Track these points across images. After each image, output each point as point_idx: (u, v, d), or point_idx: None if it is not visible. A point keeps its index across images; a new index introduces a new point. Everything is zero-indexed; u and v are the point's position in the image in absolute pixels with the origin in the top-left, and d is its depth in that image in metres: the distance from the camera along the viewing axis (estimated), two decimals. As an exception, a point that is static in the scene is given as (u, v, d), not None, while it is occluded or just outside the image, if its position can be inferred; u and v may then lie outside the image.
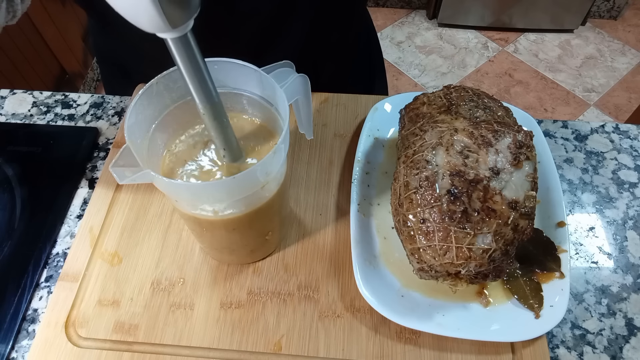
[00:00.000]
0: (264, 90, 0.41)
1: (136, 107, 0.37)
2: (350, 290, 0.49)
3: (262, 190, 0.40)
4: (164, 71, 0.38)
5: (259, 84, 0.41)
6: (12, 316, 0.48)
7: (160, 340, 0.46)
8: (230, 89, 0.42)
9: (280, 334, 0.47)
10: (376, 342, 0.46)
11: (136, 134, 0.37)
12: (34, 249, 0.53)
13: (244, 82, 0.41)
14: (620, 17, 2.16)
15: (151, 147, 0.40)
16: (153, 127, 0.40)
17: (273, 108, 0.42)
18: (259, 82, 0.40)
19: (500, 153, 0.44)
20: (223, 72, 0.40)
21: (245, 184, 0.37)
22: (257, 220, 0.44)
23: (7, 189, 0.57)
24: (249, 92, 0.42)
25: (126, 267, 0.51)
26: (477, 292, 0.48)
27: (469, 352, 0.45)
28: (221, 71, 0.40)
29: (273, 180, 0.41)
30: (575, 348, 0.47)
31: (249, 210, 0.41)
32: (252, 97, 0.43)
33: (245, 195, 0.38)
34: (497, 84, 1.92)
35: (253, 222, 0.44)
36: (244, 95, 0.43)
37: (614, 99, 1.87)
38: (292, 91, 0.40)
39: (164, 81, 0.39)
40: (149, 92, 0.38)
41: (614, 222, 0.56)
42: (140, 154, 0.36)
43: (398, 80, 1.95)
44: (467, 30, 2.12)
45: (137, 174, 0.33)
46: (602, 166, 0.60)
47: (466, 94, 0.51)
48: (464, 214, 0.41)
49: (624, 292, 0.50)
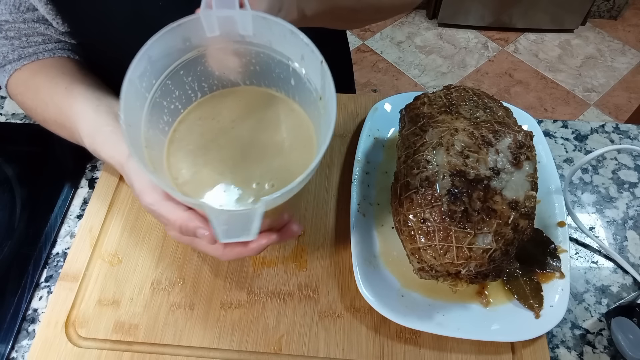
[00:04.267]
0: (258, 36, 0.33)
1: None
2: (350, 290, 0.49)
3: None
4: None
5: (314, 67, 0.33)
6: (12, 316, 0.48)
7: (160, 340, 0.46)
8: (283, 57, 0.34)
9: (280, 334, 0.47)
10: (376, 342, 0.46)
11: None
12: (34, 249, 0.53)
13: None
14: (620, 17, 2.16)
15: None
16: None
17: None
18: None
19: (501, 153, 0.44)
20: (196, 31, 0.33)
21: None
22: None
23: (7, 189, 0.57)
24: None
25: (126, 267, 0.51)
26: (477, 292, 0.47)
27: (469, 352, 0.45)
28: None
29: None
30: (575, 348, 0.47)
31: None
32: (246, 46, 0.34)
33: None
34: (497, 84, 1.92)
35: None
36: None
37: (614, 99, 1.87)
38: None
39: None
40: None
41: (614, 222, 0.56)
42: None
43: (398, 80, 1.95)
44: (467, 30, 2.12)
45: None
46: (602, 166, 0.60)
47: (466, 94, 0.51)
48: (464, 214, 0.41)
49: (624, 292, 0.50)
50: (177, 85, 0.36)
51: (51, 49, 0.52)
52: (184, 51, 0.34)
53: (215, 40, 0.33)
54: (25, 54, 0.51)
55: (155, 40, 0.31)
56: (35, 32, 0.50)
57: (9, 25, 0.48)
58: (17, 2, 0.47)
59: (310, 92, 0.35)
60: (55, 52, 0.52)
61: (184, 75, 0.36)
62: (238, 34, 0.33)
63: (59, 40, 0.53)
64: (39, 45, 0.51)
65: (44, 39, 0.51)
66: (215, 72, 0.37)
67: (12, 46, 0.50)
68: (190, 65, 0.35)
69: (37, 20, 0.49)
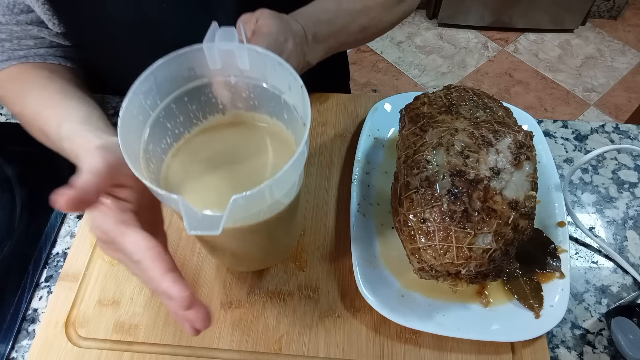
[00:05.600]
0: (254, 70, 0.36)
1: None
2: (350, 290, 0.49)
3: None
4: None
5: (280, 77, 0.36)
6: (12, 316, 0.48)
7: (160, 340, 0.46)
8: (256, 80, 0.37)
9: (280, 334, 0.47)
10: (376, 342, 0.46)
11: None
12: (34, 249, 0.53)
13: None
14: (620, 17, 2.16)
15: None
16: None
17: (272, 88, 0.37)
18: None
19: (501, 153, 0.44)
20: (200, 61, 0.36)
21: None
22: (275, 228, 0.40)
23: (7, 189, 0.57)
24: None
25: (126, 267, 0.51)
26: (477, 292, 0.48)
27: (469, 352, 0.45)
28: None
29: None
30: (575, 348, 0.47)
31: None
32: (245, 80, 0.38)
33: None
34: (497, 84, 1.92)
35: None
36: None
37: (614, 98, 1.87)
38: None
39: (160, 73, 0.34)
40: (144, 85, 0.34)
41: (614, 222, 0.56)
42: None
43: (398, 80, 1.95)
44: (467, 30, 2.12)
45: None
46: (602, 166, 0.60)
47: (466, 94, 0.51)
48: (464, 214, 0.41)
49: (624, 292, 0.50)
50: (181, 110, 0.38)
51: (42, 54, 0.51)
52: (189, 79, 0.36)
53: (217, 72, 0.36)
54: (15, 56, 0.50)
55: (161, 64, 0.34)
56: (27, 35, 0.49)
57: (0, 27, 0.48)
58: (11, 3, 0.47)
59: (297, 121, 0.38)
60: (46, 57, 0.51)
61: (188, 102, 0.38)
62: (237, 68, 0.36)
63: (51, 45, 0.52)
64: (30, 49, 0.50)
65: (35, 42, 0.50)
66: (218, 102, 0.40)
67: (2, 47, 0.49)
68: (194, 93, 0.38)
69: (31, 23, 0.49)
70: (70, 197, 0.31)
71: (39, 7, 0.47)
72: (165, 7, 0.47)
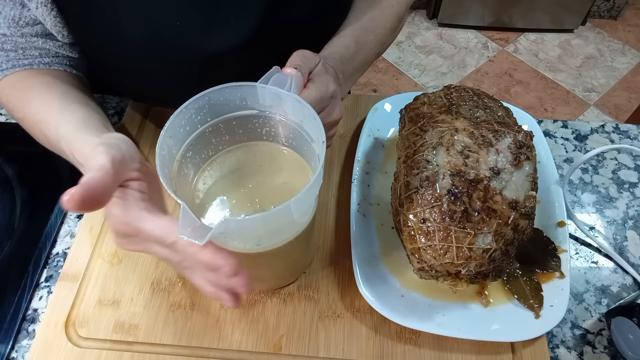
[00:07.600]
0: (294, 115, 0.41)
1: (166, 136, 0.36)
2: (350, 290, 0.49)
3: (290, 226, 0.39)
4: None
5: (291, 107, 0.40)
6: (12, 316, 0.48)
7: (160, 340, 0.46)
8: (261, 111, 0.42)
9: (280, 334, 0.47)
10: (376, 342, 0.46)
11: (166, 163, 0.36)
12: (34, 249, 0.53)
13: (277, 105, 0.41)
14: (620, 17, 2.16)
15: (179, 179, 0.39)
16: (180, 154, 0.39)
17: (306, 134, 0.41)
18: (291, 106, 0.40)
19: (501, 153, 0.44)
20: (252, 96, 0.40)
21: (279, 221, 0.35)
22: (288, 253, 0.43)
23: (7, 189, 0.57)
24: (281, 116, 0.42)
25: (126, 267, 0.51)
26: (477, 292, 0.47)
27: (469, 352, 0.45)
28: (250, 94, 0.40)
29: (303, 215, 0.40)
30: (575, 348, 0.47)
31: (281, 244, 0.40)
32: (286, 121, 0.42)
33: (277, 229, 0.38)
34: (497, 84, 1.92)
35: (287, 253, 0.43)
36: (277, 120, 0.42)
37: (614, 98, 1.87)
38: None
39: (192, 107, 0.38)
40: (178, 119, 0.37)
41: (614, 222, 0.56)
42: (169, 185, 0.34)
43: (398, 80, 1.95)
44: (467, 30, 2.12)
45: (197, 228, 0.30)
46: (602, 166, 0.60)
47: (466, 94, 0.51)
48: (464, 214, 0.41)
49: (624, 292, 0.50)
50: (228, 130, 0.43)
51: (47, 62, 0.51)
52: (240, 107, 0.41)
53: (266, 107, 0.41)
54: (20, 64, 0.50)
55: (218, 89, 0.38)
56: (32, 46, 0.49)
57: (5, 39, 0.47)
58: (17, 16, 0.46)
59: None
60: (51, 65, 0.51)
61: (235, 126, 0.43)
62: (283, 109, 0.41)
63: (57, 55, 0.52)
64: (35, 59, 0.50)
65: (40, 52, 0.50)
66: (262, 133, 0.44)
67: (7, 57, 0.49)
68: (243, 120, 0.43)
69: (36, 35, 0.48)
70: (82, 196, 0.30)
71: (50, 19, 0.46)
72: (179, 25, 0.47)
